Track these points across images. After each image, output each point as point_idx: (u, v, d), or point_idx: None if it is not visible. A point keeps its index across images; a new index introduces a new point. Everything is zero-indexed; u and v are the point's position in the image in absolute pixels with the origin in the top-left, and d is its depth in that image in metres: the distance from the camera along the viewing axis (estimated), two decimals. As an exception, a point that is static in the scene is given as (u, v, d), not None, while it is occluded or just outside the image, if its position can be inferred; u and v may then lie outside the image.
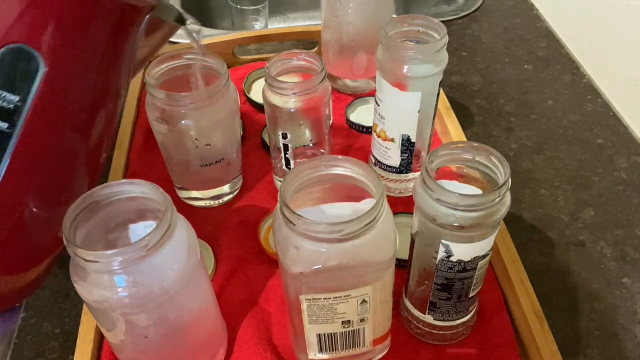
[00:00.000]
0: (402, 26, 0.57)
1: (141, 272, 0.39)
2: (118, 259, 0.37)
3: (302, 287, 0.41)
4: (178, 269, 0.41)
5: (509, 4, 1.03)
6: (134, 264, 0.38)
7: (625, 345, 0.54)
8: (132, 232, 0.44)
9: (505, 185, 0.41)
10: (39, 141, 0.40)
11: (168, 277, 0.40)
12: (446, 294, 0.47)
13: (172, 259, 0.41)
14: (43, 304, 0.58)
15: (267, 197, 0.66)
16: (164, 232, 0.39)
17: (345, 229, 0.38)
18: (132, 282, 0.39)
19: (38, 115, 0.39)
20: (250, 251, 0.60)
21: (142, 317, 0.41)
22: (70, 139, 0.43)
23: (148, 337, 0.43)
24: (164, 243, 0.39)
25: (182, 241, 0.42)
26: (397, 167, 0.63)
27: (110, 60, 0.43)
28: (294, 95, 0.56)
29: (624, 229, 0.65)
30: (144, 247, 0.38)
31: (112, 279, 0.39)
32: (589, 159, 0.73)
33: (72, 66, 0.40)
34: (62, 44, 0.39)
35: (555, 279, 0.60)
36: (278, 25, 1.20)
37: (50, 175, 0.43)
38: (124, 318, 0.41)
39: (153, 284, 0.40)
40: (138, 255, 0.38)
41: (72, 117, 0.42)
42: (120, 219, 0.43)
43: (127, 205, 0.42)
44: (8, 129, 0.38)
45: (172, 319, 0.43)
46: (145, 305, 0.40)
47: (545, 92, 0.84)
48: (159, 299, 0.40)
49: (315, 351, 0.47)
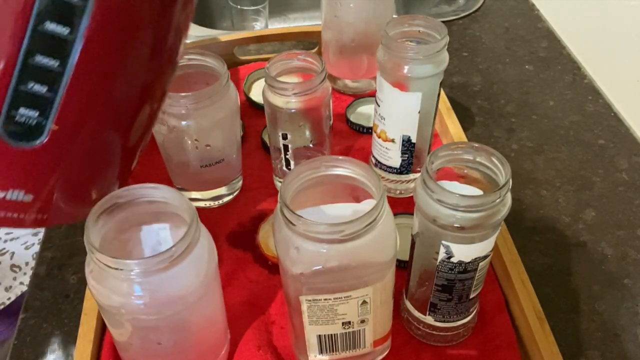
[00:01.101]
0: (402, 26, 0.57)
1: (161, 282, 0.39)
2: (140, 268, 0.37)
3: (302, 288, 0.41)
4: (197, 279, 0.41)
5: (510, 4, 1.03)
6: (156, 274, 0.38)
7: (626, 346, 0.54)
8: (145, 233, 0.44)
9: (506, 185, 0.41)
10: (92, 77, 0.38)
11: (188, 286, 0.40)
12: (446, 295, 0.47)
13: (193, 269, 0.40)
14: (42, 305, 0.58)
15: (266, 197, 0.66)
16: (189, 243, 0.39)
17: (346, 230, 0.38)
18: (151, 290, 0.39)
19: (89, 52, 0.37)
20: (249, 252, 0.60)
21: (157, 324, 0.41)
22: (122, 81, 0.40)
23: (161, 343, 0.42)
24: (187, 254, 0.39)
25: (204, 251, 0.41)
26: (397, 168, 0.62)
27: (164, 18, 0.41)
28: (294, 95, 0.56)
29: (624, 229, 0.65)
30: (168, 257, 0.37)
31: (131, 286, 0.38)
32: (589, 159, 0.73)
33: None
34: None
35: (556, 279, 0.60)
36: (278, 25, 1.20)
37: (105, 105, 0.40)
38: (138, 323, 0.41)
39: (172, 293, 0.39)
40: (161, 265, 0.37)
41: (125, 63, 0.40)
42: (135, 220, 0.43)
43: (144, 208, 0.42)
44: (58, 67, 0.36)
45: (187, 326, 0.43)
46: (162, 313, 0.40)
47: (546, 92, 0.84)
48: (177, 307, 0.40)
49: (316, 352, 0.47)
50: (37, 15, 0.34)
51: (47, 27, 0.35)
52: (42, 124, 0.37)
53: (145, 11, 0.38)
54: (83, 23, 0.35)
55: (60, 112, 0.37)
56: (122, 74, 0.40)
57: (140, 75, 0.41)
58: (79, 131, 0.39)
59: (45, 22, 0.34)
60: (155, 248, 0.43)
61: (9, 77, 0.35)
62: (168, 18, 0.41)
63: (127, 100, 0.41)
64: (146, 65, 0.41)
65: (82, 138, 0.39)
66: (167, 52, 0.42)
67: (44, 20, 0.34)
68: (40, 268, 0.61)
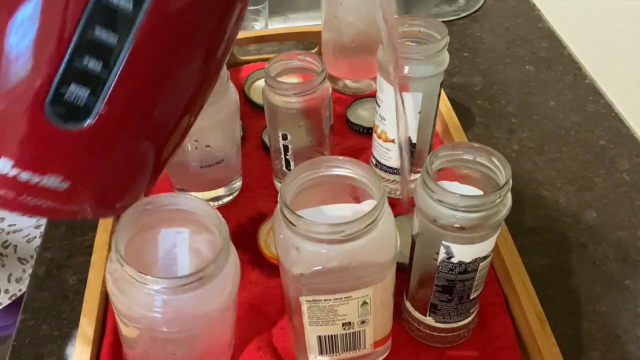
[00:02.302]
0: (402, 26, 0.57)
1: (186, 300, 0.38)
2: (167, 285, 0.36)
3: (302, 289, 0.41)
4: (222, 298, 0.40)
5: (510, 4, 1.03)
6: (182, 292, 0.37)
7: (627, 347, 0.54)
8: (163, 235, 0.43)
9: (506, 185, 0.41)
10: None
11: (212, 305, 0.40)
12: (447, 296, 0.47)
13: (220, 288, 0.40)
14: (41, 306, 0.58)
15: (266, 198, 0.65)
16: (219, 263, 0.38)
17: (346, 230, 0.38)
18: (175, 307, 0.38)
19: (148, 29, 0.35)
20: (249, 253, 0.60)
21: (174, 337, 0.40)
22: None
23: (175, 354, 0.42)
24: (216, 275, 0.38)
25: (230, 270, 0.41)
26: (397, 168, 0.62)
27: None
28: (294, 95, 0.56)
29: (625, 230, 0.64)
30: (198, 278, 0.37)
31: (154, 301, 0.38)
32: (590, 160, 0.73)
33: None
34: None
35: (556, 280, 0.60)
36: (278, 25, 1.20)
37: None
38: (154, 334, 0.40)
39: (196, 312, 0.39)
40: (189, 285, 0.37)
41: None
42: (157, 223, 0.43)
43: (169, 215, 0.42)
44: (117, 43, 0.35)
45: (203, 339, 0.43)
46: (182, 329, 0.39)
47: (546, 92, 0.84)
48: (198, 323, 0.40)
49: (316, 353, 0.47)
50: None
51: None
52: (91, 104, 0.35)
53: (209, 5, 0.37)
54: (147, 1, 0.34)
55: (112, 94, 0.35)
56: (175, 71, 0.38)
57: (192, 78, 0.40)
58: (125, 121, 0.37)
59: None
60: (170, 250, 0.42)
61: (65, 49, 0.33)
62: (226, 20, 0.39)
63: (173, 102, 0.40)
64: (198, 69, 0.40)
65: (127, 130, 0.37)
66: (216, 62, 0.41)
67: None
68: (39, 269, 0.61)
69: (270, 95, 0.58)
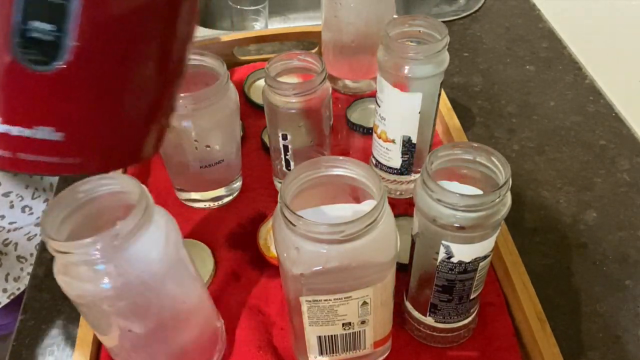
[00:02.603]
0: (402, 26, 0.57)
1: (118, 262, 0.39)
2: (92, 247, 0.37)
3: (302, 289, 0.41)
4: (156, 258, 0.41)
5: (511, 4, 1.03)
6: (110, 254, 0.38)
7: (627, 347, 0.54)
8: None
9: (506, 185, 0.41)
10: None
11: (146, 266, 0.40)
12: (447, 296, 0.47)
13: (149, 248, 0.40)
14: (41, 306, 0.58)
15: (266, 198, 0.65)
16: (137, 221, 0.39)
17: (346, 230, 0.38)
18: (109, 272, 0.39)
19: None
20: (249, 253, 0.60)
21: (125, 311, 0.41)
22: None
23: (131, 331, 0.43)
24: (138, 232, 0.39)
25: (160, 232, 0.41)
26: (397, 169, 0.62)
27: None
28: (294, 95, 0.56)
29: (626, 230, 0.64)
30: (115, 235, 0.38)
31: (90, 270, 0.39)
32: (591, 160, 0.73)
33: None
34: None
35: (557, 280, 0.60)
36: (278, 25, 1.20)
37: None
38: (108, 314, 0.41)
39: (130, 273, 0.39)
40: (111, 243, 0.37)
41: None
42: (108, 215, 0.43)
43: (111, 201, 0.42)
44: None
45: (156, 310, 0.43)
46: (125, 297, 0.40)
47: (547, 92, 0.83)
48: (138, 287, 0.40)
49: (316, 353, 0.47)
50: None
51: None
52: (60, 39, 0.33)
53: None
54: None
55: (78, 27, 0.33)
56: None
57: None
58: (100, 55, 0.35)
59: None
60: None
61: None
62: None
63: (150, 28, 0.37)
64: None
65: (105, 66, 0.36)
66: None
67: None
68: (39, 269, 0.61)
69: (270, 95, 0.58)
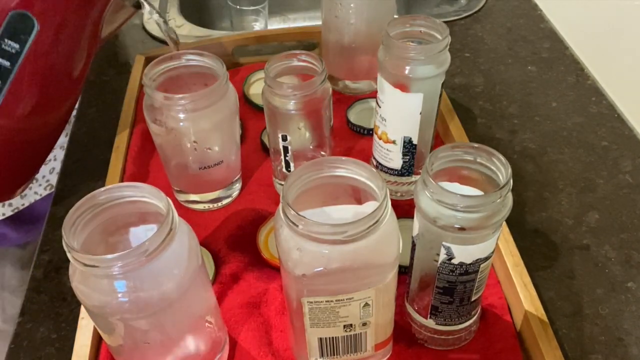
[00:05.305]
0: (403, 26, 0.56)
1: (141, 277, 0.38)
2: (117, 263, 0.37)
3: (303, 290, 0.41)
4: (178, 274, 0.40)
5: (512, 4, 1.02)
6: (134, 269, 0.37)
7: (630, 350, 0.54)
8: (133, 235, 0.43)
9: (507, 185, 0.40)
10: (31, 75, 0.57)
11: (168, 282, 0.40)
12: (448, 298, 0.46)
13: (173, 264, 0.40)
14: (39, 309, 0.58)
15: (266, 200, 0.65)
16: (164, 237, 0.38)
17: (348, 230, 0.37)
18: (132, 287, 0.38)
19: (31, 58, 0.56)
20: (249, 255, 0.59)
21: (142, 323, 0.41)
22: (54, 75, 0.59)
23: (149, 343, 0.42)
24: (164, 248, 0.38)
25: (183, 246, 0.41)
26: (398, 170, 0.62)
27: (86, 27, 0.59)
28: (294, 96, 0.56)
29: (628, 232, 0.64)
30: (143, 252, 0.37)
31: (112, 283, 0.38)
32: (593, 161, 0.72)
33: (57, 28, 0.56)
34: (52, 11, 0.55)
35: (558, 282, 0.59)
36: (278, 25, 1.20)
37: (41, 93, 0.58)
38: (123, 323, 0.40)
39: (153, 289, 0.39)
40: (138, 260, 0.37)
41: (56, 62, 0.58)
42: (121, 222, 0.43)
43: (128, 209, 0.42)
44: (9, 66, 0.55)
45: (173, 324, 0.43)
46: (145, 311, 0.39)
47: (548, 93, 0.83)
48: (159, 304, 0.40)
49: (316, 355, 0.47)
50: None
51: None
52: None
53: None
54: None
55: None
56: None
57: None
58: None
59: None
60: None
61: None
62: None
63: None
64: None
65: None
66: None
67: None
68: (37, 271, 0.61)
69: (269, 96, 0.57)
